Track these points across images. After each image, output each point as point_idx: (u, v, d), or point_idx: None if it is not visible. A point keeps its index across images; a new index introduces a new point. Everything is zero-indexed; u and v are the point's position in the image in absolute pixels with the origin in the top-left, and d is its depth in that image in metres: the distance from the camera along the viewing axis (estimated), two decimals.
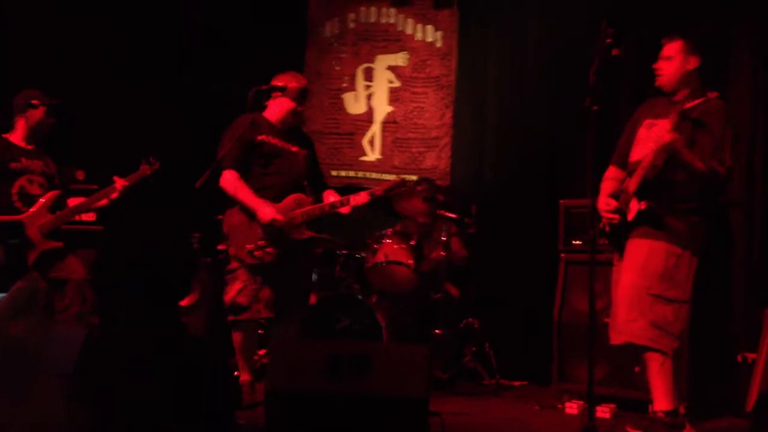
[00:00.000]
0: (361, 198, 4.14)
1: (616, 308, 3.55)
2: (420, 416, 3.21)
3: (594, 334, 3.32)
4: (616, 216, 3.59)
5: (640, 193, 3.49)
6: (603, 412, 3.98)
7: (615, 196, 3.68)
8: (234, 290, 4.08)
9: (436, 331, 4.97)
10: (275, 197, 4.12)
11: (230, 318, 4.08)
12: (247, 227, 4.09)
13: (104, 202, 4.36)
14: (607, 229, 3.69)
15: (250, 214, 4.07)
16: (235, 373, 4.04)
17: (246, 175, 4.13)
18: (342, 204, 4.16)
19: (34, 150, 4.39)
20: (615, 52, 3.45)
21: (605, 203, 3.64)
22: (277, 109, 4.24)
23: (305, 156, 4.27)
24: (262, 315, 4.09)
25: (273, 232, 4.04)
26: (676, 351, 3.43)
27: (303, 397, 3.15)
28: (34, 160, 4.35)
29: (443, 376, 4.87)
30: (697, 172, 3.40)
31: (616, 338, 3.57)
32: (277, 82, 4.20)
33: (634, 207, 3.51)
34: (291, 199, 4.13)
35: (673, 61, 3.61)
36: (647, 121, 3.67)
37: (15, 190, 4.25)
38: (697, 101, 3.41)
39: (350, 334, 4.67)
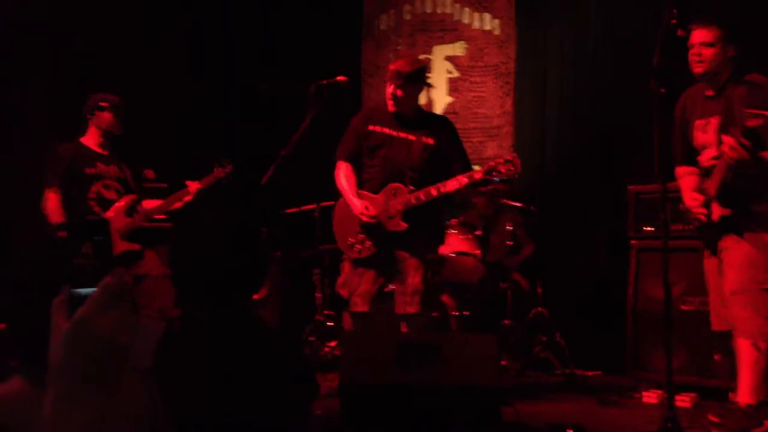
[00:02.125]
0: (454, 183, 3.85)
1: (729, 306, 3.44)
2: (493, 405, 3.18)
3: (671, 321, 3.24)
4: (704, 211, 3.49)
5: (722, 197, 3.40)
6: (683, 401, 3.87)
7: (698, 191, 3.59)
8: (338, 282, 4.13)
9: (505, 321, 4.92)
10: (376, 189, 4.04)
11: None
12: (349, 220, 4.07)
13: (178, 204, 4.43)
14: (697, 224, 3.60)
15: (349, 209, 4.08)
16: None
17: (357, 167, 4.12)
18: (438, 191, 3.87)
19: (109, 155, 4.48)
20: (680, 32, 3.36)
21: (692, 198, 3.55)
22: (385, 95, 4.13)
23: (423, 144, 4.03)
24: (358, 308, 4.04)
25: (368, 225, 3.99)
26: None
27: (376, 388, 3.16)
28: (110, 166, 4.44)
29: (514, 366, 4.82)
30: None
31: (720, 326, 3.53)
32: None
33: (717, 210, 3.43)
34: (389, 189, 4.00)
35: (714, 48, 3.47)
36: (698, 123, 3.57)
37: (92, 195, 4.34)
38: (759, 120, 3.22)
39: (419, 325, 4.65)
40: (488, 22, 6.21)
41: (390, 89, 4.04)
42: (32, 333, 1.18)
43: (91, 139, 4.47)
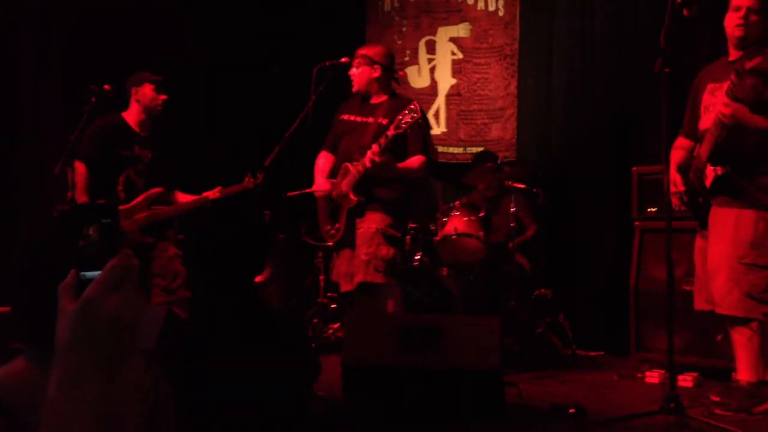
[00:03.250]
0: (376, 146, 3.92)
1: (709, 279, 3.47)
2: (495, 387, 3.20)
3: (673, 302, 3.26)
4: (676, 202, 3.58)
5: (713, 159, 3.40)
6: (684, 380, 3.90)
7: (684, 167, 3.62)
8: (331, 267, 4.29)
9: (508, 302, 4.93)
10: (337, 174, 4.21)
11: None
12: (322, 208, 4.26)
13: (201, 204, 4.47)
14: (686, 198, 3.61)
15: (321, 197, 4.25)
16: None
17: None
18: (370, 157, 3.94)
19: (147, 137, 4.43)
20: (686, 12, 3.35)
21: (673, 182, 3.58)
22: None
23: (377, 124, 4.11)
24: (342, 289, 4.20)
25: (332, 209, 4.16)
26: None
27: (378, 370, 3.18)
28: (145, 151, 4.39)
29: (516, 348, 4.84)
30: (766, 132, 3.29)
31: (702, 305, 3.55)
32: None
33: (710, 173, 3.42)
34: (341, 170, 4.15)
35: (759, 15, 3.45)
36: (710, 86, 3.57)
37: (122, 178, 4.31)
38: (757, 58, 3.22)
39: (421, 308, 4.67)
40: (492, 3, 6.16)
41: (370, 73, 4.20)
42: (38, 316, 1.19)
43: (132, 116, 4.42)
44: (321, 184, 4.23)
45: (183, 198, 4.53)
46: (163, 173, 4.46)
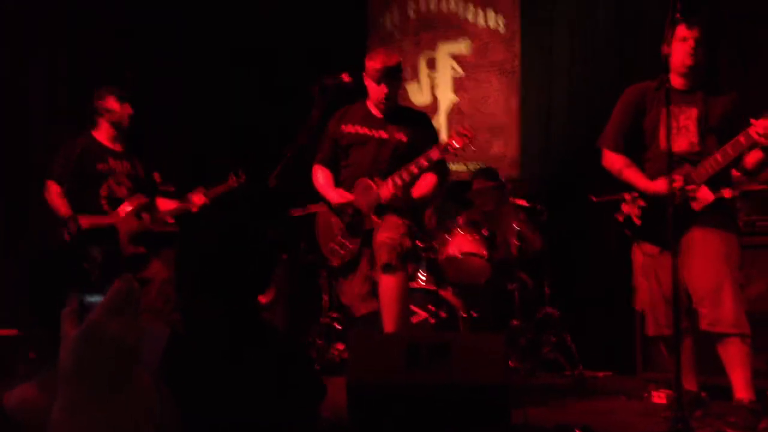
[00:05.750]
0: (414, 168, 3.78)
1: (711, 302, 3.42)
2: (501, 403, 3.17)
3: (679, 321, 3.22)
4: (693, 187, 3.48)
5: (714, 183, 3.43)
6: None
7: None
8: (339, 292, 4.07)
9: (513, 321, 4.89)
10: (350, 189, 4.00)
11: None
12: (329, 227, 4.04)
13: (190, 209, 4.45)
14: (638, 221, 3.61)
15: (329, 213, 4.05)
16: None
17: (336, 171, 4.09)
18: (401, 178, 3.80)
19: (121, 151, 4.46)
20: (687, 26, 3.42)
21: (670, 179, 3.49)
22: (369, 92, 4.06)
23: (396, 140, 3.95)
24: (362, 311, 3.96)
25: (350, 223, 3.94)
26: None
27: (384, 389, 3.15)
28: (121, 161, 4.43)
29: (523, 368, 4.80)
30: None
31: (661, 330, 3.58)
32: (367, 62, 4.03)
33: (706, 197, 3.42)
34: (359, 187, 3.94)
35: (702, 47, 3.53)
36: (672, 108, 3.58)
37: (104, 192, 4.33)
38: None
39: (426, 327, 4.63)
40: (492, 19, 6.18)
41: (383, 90, 3.94)
42: (46, 338, 1.18)
43: (102, 133, 4.44)
44: (341, 195, 3.97)
45: (165, 205, 4.52)
46: (143, 183, 4.49)
